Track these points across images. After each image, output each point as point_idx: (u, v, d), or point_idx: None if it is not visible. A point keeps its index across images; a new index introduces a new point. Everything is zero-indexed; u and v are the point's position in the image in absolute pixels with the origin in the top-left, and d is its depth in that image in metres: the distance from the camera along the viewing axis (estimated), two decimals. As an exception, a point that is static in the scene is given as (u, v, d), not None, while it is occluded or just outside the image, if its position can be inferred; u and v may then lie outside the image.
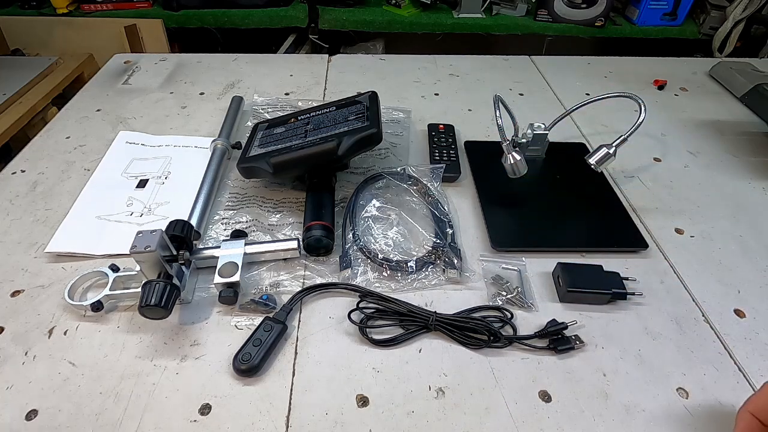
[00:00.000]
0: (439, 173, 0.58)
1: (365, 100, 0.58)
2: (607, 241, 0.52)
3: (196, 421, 0.36)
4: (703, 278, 0.49)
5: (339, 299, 0.46)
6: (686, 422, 0.37)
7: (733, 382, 0.40)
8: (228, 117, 0.67)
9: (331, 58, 0.90)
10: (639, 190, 0.60)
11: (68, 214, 0.53)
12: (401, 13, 1.60)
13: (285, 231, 0.52)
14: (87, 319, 0.43)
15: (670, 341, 0.43)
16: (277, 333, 0.41)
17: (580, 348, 0.42)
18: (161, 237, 0.41)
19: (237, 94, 0.73)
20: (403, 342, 0.42)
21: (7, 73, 1.14)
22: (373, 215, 0.53)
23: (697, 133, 0.72)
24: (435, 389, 0.39)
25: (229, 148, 0.62)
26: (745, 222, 0.56)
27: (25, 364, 0.40)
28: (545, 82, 0.85)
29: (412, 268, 0.48)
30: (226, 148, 0.61)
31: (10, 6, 1.52)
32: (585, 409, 0.38)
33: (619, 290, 0.45)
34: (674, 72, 0.88)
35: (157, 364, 0.40)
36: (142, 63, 0.86)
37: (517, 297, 0.46)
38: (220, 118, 0.68)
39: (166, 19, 1.52)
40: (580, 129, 0.72)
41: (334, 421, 0.37)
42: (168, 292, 0.39)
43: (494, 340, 0.42)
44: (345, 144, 0.50)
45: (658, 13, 1.57)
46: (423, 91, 0.80)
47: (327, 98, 0.77)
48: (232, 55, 0.88)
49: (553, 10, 1.56)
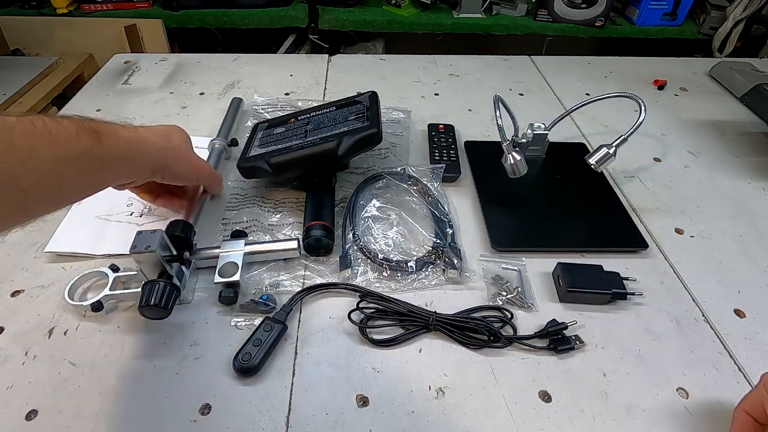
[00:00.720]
0: (439, 173, 0.58)
1: (365, 100, 0.58)
2: (607, 241, 0.52)
3: (196, 421, 0.36)
4: (703, 278, 0.49)
5: (339, 299, 0.46)
6: (686, 422, 0.37)
7: (733, 382, 0.40)
8: (227, 117, 0.67)
9: (331, 58, 0.90)
10: (639, 190, 0.60)
11: (68, 214, 0.53)
12: (401, 13, 1.60)
13: (285, 231, 0.52)
14: (87, 319, 0.43)
15: (670, 341, 0.43)
16: (277, 333, 0.41)
17: (580, 348, 0.42)
18: (161, 237, 0.41)
19: (237, 95, 0.73)
20: (403, 342, 0.42)
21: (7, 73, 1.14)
22: (373, 215, 0.53)
23: (697, 133, 0.72)
24: (435, 389, 0.39)
25: (227, 147, 0.62)
26: (745, 222, 0.56)
27: (25, 364, 0.40)
28: (545, 82, 0.85)
29: (412, 268, 0.48)
30: (224, 148, 0.61)
31: (10, 6, 1.52)
32: (585, 409, 0.38)
33: (619, 290, 0.45)
34: (674, 72, 0.88)
35: (157, 364, 0.40)
36: (142, 63, 0.86)
37: (517, 297, 0.46)
38: (220, 118, 0.68)
39: (166, 19, 1.52)
40: (580, 129, 0.72)
41: (334, 421, 0.37)
42: (168, 292, 0.39)
43: (494, 340, 0.42)
44: (345, 144, 0.50)
45: (658, 13, 1.57)
46: (423, 91, 0.80)
47: (327, 98, 0.77)
48: (232, 55, 0.88)
49: (553, 10, 1.56)
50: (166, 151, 0.43)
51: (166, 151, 0.43)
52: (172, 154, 0.44)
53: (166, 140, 0.44)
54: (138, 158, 0.40)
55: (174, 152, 0.44)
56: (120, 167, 0.39)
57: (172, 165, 0.44)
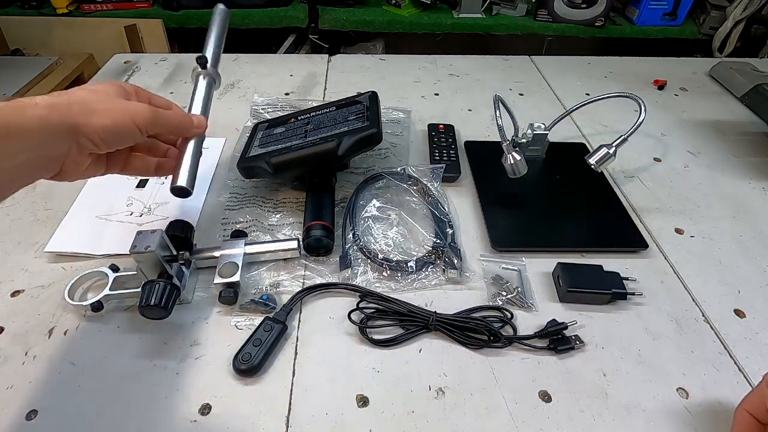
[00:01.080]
0: (439, 173, 0.58)
1: (365, 100, 0.58)
2: (607, 241, 0.52)
3: (196, 421, 0.36)
4: (703, 278, 0.49)
5: (339, 299, 0.46)
6: (686, 422, 0.37)
7: (733, 382, 0.40)
8: (211, 31, 0.55)
9: (331, 58, 0.90)
10: (639, 190, 0.60)
11: (68, 214, 0.53)
12: (401, 13, 1.60)
13: (285, 231, 0.52)
14: (87, 319, 0.43)
15: (670, 341, 0.43)
16: (277, 333, 0.41)
17: (580, 348, 0.42)
18: (161, 237, 0.41)
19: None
20: (403, 342, 0.42)
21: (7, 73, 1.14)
22: (373, 215, 0.53)
23: (697, 133, 0.72)
24: (435, 389, 0.39)
25: (214, 76, 0.52)
26: (745, 222, 0.56)
27: (25, 364, 0.40)
28: (545, 82, 0.85)
29: (412, 268, 0.48)
30: (212, 78, 0.51)
31: (10, 6, 1.52)
32: (585, 409, 0.38)
33: (619, 290, 0.45)
34: (674, 72, 0.88)
35: (157, 364, 0.40)
36: (142, 63, 0.86)
37: (517, 297, 0.46)
38: (220, 118, 0.68)
39: (166, 19, 1.52)
40: (580, 129, 0.72)
41: (334, 421, 0.37)
42: (168, 293, 0.39)
43: (494, 340, 0.42)
44: (345, 144, 0.50)
45: (658, 13, 1.57)
46: (423, 91, 0.80)
47: (327, 98, 0.77)
48: (232, 55, 0.88)
49: (553, 10, 1.56)
50: (67, 107, 0.32)
51: (67, 107, 0.32)
52: (79, 108, 0.33)
53: (65, 96, 0.34)
54: (18, 128, 0.29)
55: (82, 105, 0.33)
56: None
57: (86, 120, 0.33)
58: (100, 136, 0.34)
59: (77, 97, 0.34)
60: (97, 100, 0.35)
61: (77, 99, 0.34)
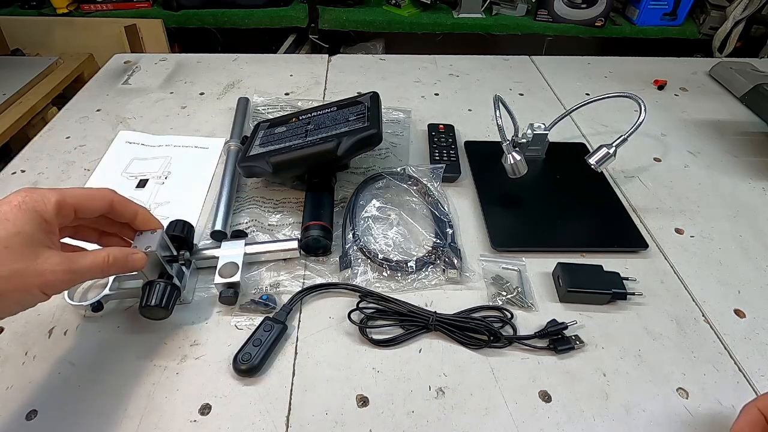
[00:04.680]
0: (439, 173, 0.58)
1: (366, 101, 0.58)
2: (607, 241, 0.52)
3: (196, 421, 0.36)
4: (703, 278, 0.49)
5: (339, 299, 0.46)
6: (686, 422, 0.37)
7: (733, 382, 0.40)
8: (237, 118, 0.67)
9: (331, 58, 0.90)
10: (639, 190, 0.60)
11: (68, 214, 0.53)
12: (401, 13, 1.60)
13: (285, 231, 0.52)
14: (87, 319, 0.43)
15: (670, 341, 0.43)
16: (277, 333, 0.41)
17: (580, 348, 0.42)
18: (161, 237, 0.41)
19: (240, 96, 0.72)
20: (403, 342, 0.42)
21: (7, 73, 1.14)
22: (373, 215, 0.53)
23: (697, 133, 0.72)
24: (435, 389, 0.39)
25: (241, 146, 0.62)
26: (745, 222, 0.56)
27: (25, 364, 0.40)
28: (545, 82, 0.85)
29: (412, 268, 0.48)
30: (239, 149, 0.61)
31: (10, 6, 1.52)
32: (585, 409, 0.38)
33: (619, 290, 0.45)
34: (674, 72, 0.88)
35: (157, 364, 0.40)
36: (142, 63, 0.86)
37: (517, 297, 0.46)
38: (221, 118, 0.68)
39: (166, 19, 1.52)
40: (580, 129, 0.72)
41: (334, 421, 0.37)
42: (168, 293, 0.39)
43: (494, 340, 0.42)
44: (345, 144, 0.50)
45: (658, 13, 1.57)
46: (423, 91, 0.80)
47: (327, 98, 0.77)
48: (232, 55, 0.88)
49: (553, 10, 1.56)
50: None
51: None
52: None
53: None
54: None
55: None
56: None
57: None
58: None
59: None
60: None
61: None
